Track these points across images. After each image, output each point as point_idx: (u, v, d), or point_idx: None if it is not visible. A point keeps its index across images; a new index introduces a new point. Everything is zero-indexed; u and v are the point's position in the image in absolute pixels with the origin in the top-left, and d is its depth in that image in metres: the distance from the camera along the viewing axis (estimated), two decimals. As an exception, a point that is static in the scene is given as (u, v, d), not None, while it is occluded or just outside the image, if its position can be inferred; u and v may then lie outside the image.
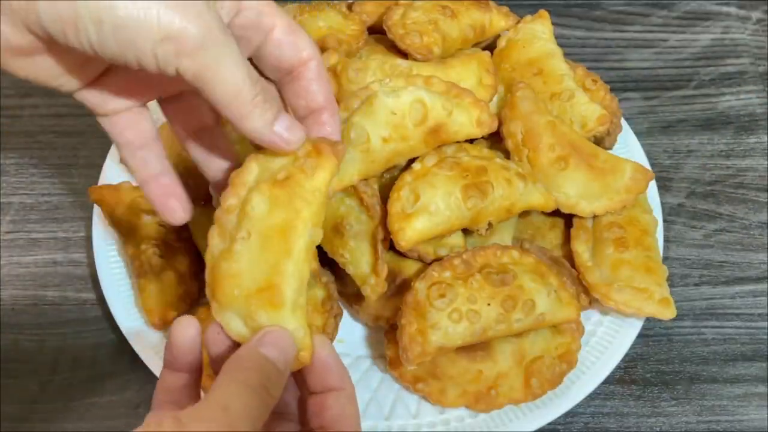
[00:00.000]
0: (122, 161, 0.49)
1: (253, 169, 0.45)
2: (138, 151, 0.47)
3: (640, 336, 0.69)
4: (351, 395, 0.44)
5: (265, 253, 0.43)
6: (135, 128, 0.47)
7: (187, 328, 0.43)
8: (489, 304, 0.60)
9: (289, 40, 0.45)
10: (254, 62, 0.48)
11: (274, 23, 0.45)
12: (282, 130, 0.43)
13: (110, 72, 0.45)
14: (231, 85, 0.40)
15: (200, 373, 0.45)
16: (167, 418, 0.36)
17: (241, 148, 0.58)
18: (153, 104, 0.49)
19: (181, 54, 0.38)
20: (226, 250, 0.43)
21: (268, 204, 0.43)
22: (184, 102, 0.49)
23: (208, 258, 0.44)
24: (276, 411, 0.45)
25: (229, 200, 0.44)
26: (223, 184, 0.47)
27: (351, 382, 0.45)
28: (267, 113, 0.42)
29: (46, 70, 0.42)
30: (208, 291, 0.44)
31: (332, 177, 0.45)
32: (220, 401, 0.37)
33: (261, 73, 0.48)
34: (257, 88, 0.42)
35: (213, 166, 0.51)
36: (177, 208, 0.47)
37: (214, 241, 0.45)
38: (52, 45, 0.39)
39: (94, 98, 0.45)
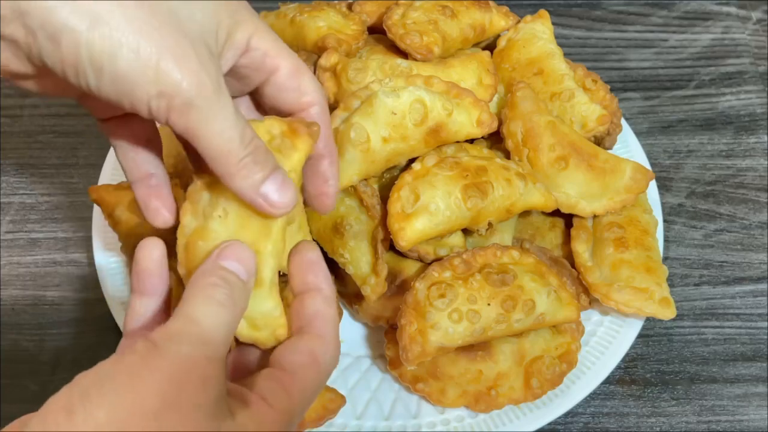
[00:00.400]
0: (119, 161, 0.49)
1: None
2: (130, 152, 0.47)
3: (640, 336, 0.70)
4: (329, 297, 0.44)
5: (243, 232, 0.42)
6: (129, 130, 0.47)
7: (152, 249, 0.42)
8: (489, 304, 0.60)
9: (291, 84, 0.45)
10: (256, 97, 0.48)
11: (278, 65, 0.45)
12: (270, 192, 0.41)
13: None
14: (219, 144, 0.40)
15: (169, 297, 0.44)
16: (140, 342, 0.35)
17: None
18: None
19: (171, 110, 0.38)
20: (201, 227, 0.43)
21: None
22: None
23: (180, 235, 0.44)
24: None
25: (203, 178, 0.44)
26: None
27: (332, 285, 0.45)
28: (255, 175, 0.41)
29: (46, 87, 0.42)
30: (180, 269, 0.44)
31: (306, 157, 0.45)
32: (190, 316, 0.37)
33: (262, 110, 0.49)
34: (249, 149, 0.41)
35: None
36: (160, 210, 0.47)
37: (187, 219, 0.44)
38: (51, 73, 0.40)
39: (92, 104, 0.45)
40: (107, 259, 0.71)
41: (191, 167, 0.51)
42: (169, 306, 0.44)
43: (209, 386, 0.35)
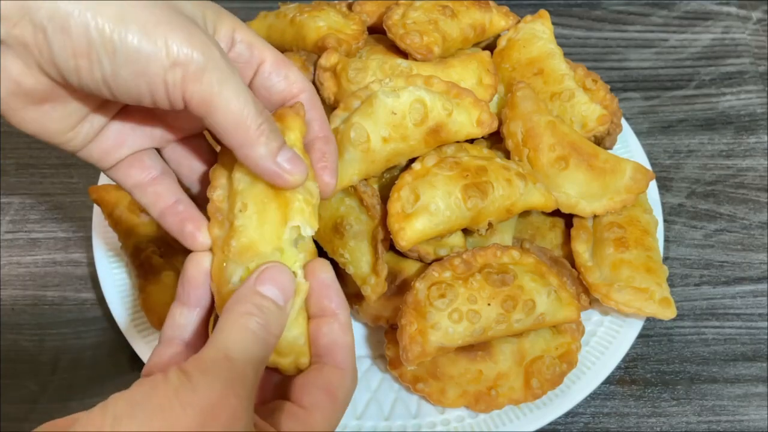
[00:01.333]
0: (136, 200, 0.49)
1: (224, 162, 0.46)
2: (148, 188, 0.48)
3: (640, 336, 0.70)
4: (345, 323, 0.44)
5: (265, 216, 0.43)
6: (140, 167, 0.47)
7: (201, 261, 0.43)
8: (489, 304, 0.60)
9: (279, 72, 0.46)
10: None
11: (264, 57, 0.46)
12: (284, 162, 0.43)
13: (114, 122, 0.46)
14: (236, 110, 0.40)
15: (210, 310, 0.44)
16: (174, 372, 0.36)
17: None
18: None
19: (187, 79, 0.39)
20: (230, 231, 0.43)
21: (251, 175, 0.44)
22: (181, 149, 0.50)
23: (216, 252, 0.44)
24: None
25: (216, 192, 0.45)
26: None
27: (347, 309, 0.44)
28: (272, 143, 0.42)
29: (54, 122, 0.42)
30: (214, 285, 0.44)
31: (302, 135, 0.46)
32: (223, 348, 0.38)
33: None
34: (263, 117, 0.42)
35: None
36: (196, 234, 0.46)
37: (215, 232, 0.44)
38: (63, 89, 0.40)
39: (99, 152, 0.46)
40: (107, 259, 0.71)
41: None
42: (208, 319, 0.45)
43: (237, 424, 0.36)
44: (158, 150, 0.49)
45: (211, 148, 0.51)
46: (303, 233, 0.44)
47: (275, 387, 0.46)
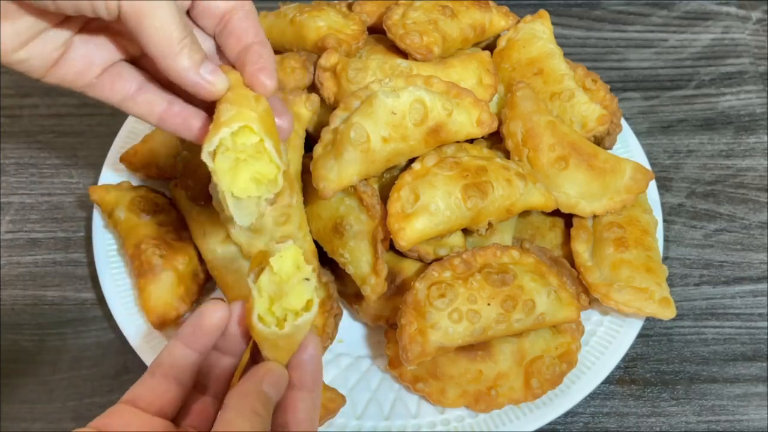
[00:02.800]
0: (132, 115, 0.51)
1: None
2: (138, 98, 0.50)
3: (640, 336, 0.70)
4: (317, 400, 0.46)
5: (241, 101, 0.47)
6: (122, 80, 0.49)
7: (218, 309, 0.44)
8: (489, 304, 0.60)
9: None
10: (191, 17, 0.51)
11: None
12: (207, 74, 0.46)
13: (77, 41, 0.48)
14: (163, 22, 0.44)
15: (204, 357, 0.45)
16: None
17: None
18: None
19: None
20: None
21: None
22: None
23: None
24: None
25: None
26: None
27: (321, 385, 0.46)
28: (195, 54, 0.45)
29: (5, 38, 0.44)
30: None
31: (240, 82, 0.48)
32: None
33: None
34: (187, 31, 0.45)
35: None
36: (199, 126, 0.49)
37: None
38: (11, 3, 0.43)
39: (73, 73, 0.48)
40: (107, 259, 0.71)
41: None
42: (197, 366, 0.45)
43: None
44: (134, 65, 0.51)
45: None
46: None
47: None
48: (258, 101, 0.47)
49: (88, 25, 0.48)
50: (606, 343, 0.68)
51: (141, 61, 0.51)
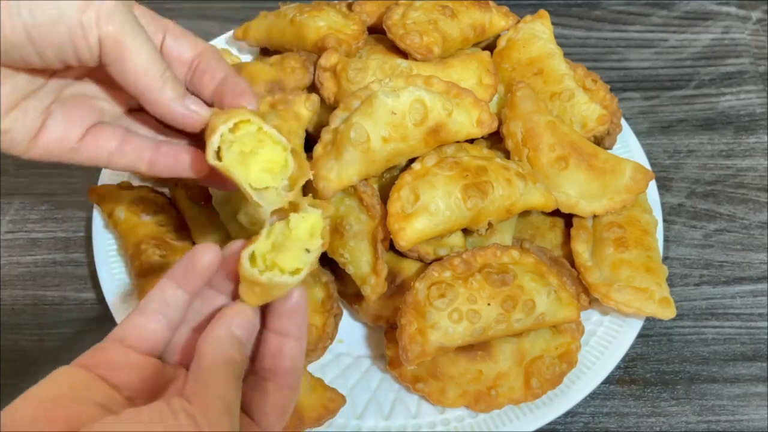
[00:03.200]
0: (120, 170, 0.53)
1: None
2: (125, 148, 0.50)
3: (640, 336, 0.70)
4: (303, 348, 0.46)
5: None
6: (105, 136, 0.50)
7: (209, 251, 0.44)
8: (489, 304, 0.60)
9: (184, 33, 0.50)
10: None
11: (167, 24, 0.50)
12: (191, 104, 0.47)
13: (55, 108, 0.48)
14: (145, 55, 0.45)
15: (195, 297, 0.45)
16: (182, 414, 0.38)
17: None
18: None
19: (101, 19, 0.43)
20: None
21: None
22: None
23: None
24: None
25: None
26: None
27: (306, 333, 0.47)
28: (178, 87, 0.47)
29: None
30: None
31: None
32: (224, 401, 0.40)
33: None
34: (166, 66, 0.46)
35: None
36: (190, 159, 0.50)
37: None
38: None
39: (55, 139, 0.48)
40: (107, 260, 0.71)
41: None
42: (187, 306, 0.45)
43: None
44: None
45: (158, 121, 0.53)
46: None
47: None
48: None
49: (64, 90, 0.49)
50: (606, 343, 0.68)
51: (117, 121, 0.52)
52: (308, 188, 0.66)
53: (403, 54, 0.72)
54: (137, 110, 0.52)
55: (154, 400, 0.41)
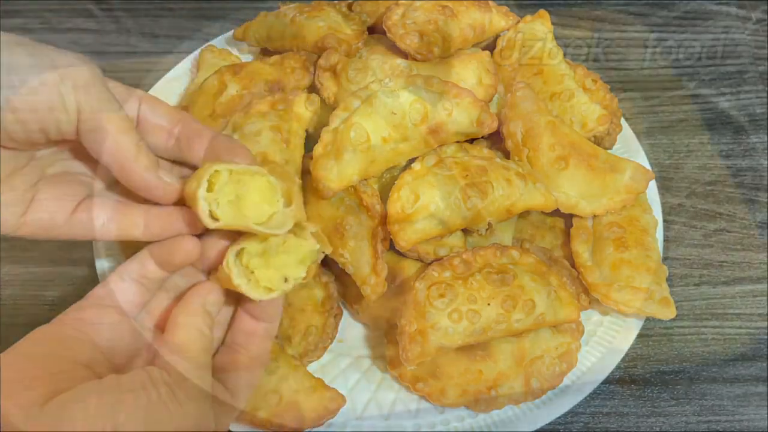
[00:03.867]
0: (114, 240, 0.56)
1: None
2: (117, 216, 0.50)
3: (640, 336, 0.70)
4: (275, 329, 0.51)
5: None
6: (98, 205, 0.50)
7: (188, 245, 0.48)
8: (489, 304, 0.60)
9: (158, 101, 0.51)
10: None
11: (140, 94, 0.50)
12: (164, 175, 0.48)
13: (42, 187, 0.49)
14: (120, 125, 0.46)
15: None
16: (161, 384, 0.42)
17: None
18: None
19: (78, 89, 0.44)
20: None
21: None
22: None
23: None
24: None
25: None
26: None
27: (279, 318, 0.51)
28: (151, 155, 0.47)
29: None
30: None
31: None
32: (196, 371, 0.45)
33: None
34: (139, 137, 0.47)
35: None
36: (182, 221, 0.51)
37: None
38: None
39: (48, 215, 0.49)
40: (107, 260, 0.71)
41: None
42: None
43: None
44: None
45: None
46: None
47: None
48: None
49: (48, 169, 0.50)
50: (606, 343, 0.68)
51: (105, 193, 0.52)
52: (309, 188, 0.66)
53: (403, 54, 0.72)
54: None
55: (132, 360, 0.47)
